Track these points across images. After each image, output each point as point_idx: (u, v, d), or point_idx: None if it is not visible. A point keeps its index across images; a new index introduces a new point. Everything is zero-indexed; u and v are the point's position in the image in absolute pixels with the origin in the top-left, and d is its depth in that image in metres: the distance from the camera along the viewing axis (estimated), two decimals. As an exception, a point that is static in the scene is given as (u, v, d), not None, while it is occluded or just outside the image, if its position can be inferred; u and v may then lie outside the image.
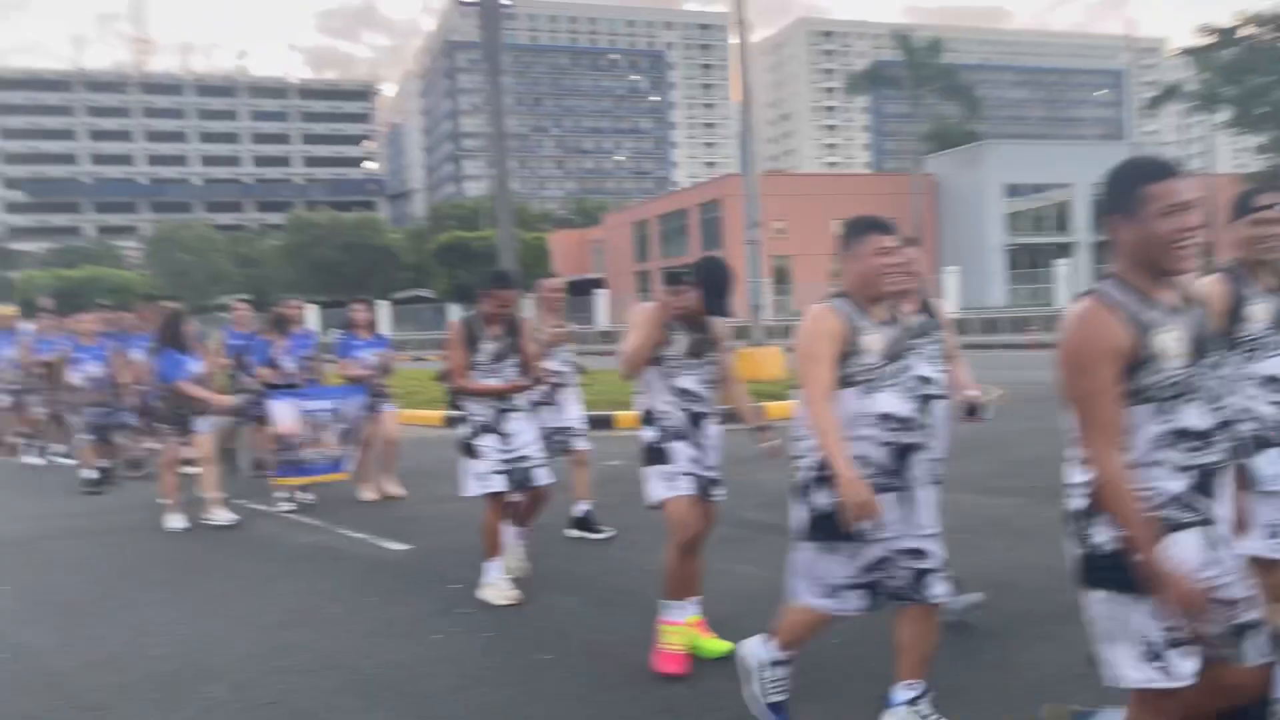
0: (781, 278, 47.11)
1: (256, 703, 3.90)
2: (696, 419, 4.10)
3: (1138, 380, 2.27)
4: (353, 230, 62.94)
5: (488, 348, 5.21)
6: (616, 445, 9.59)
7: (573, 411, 6.45)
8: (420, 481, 8.57)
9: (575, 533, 6.46)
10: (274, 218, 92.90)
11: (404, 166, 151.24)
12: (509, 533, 5.39)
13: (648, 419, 4.11)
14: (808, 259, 47.76)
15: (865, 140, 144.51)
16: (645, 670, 4.04)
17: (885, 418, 3.07)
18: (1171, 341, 2.29)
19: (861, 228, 3.20)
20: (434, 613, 4.99)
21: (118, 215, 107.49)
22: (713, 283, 3.99)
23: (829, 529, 3.05)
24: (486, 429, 5.13)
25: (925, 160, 53.07)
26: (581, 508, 6.47)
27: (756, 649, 3.39)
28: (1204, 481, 2.30)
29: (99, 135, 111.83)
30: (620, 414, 12.03)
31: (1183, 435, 2.29)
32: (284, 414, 7.58)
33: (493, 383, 5.19)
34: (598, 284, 54.11)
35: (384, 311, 41.69)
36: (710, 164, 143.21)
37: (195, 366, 7.40)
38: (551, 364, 6.18)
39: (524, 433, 5.25)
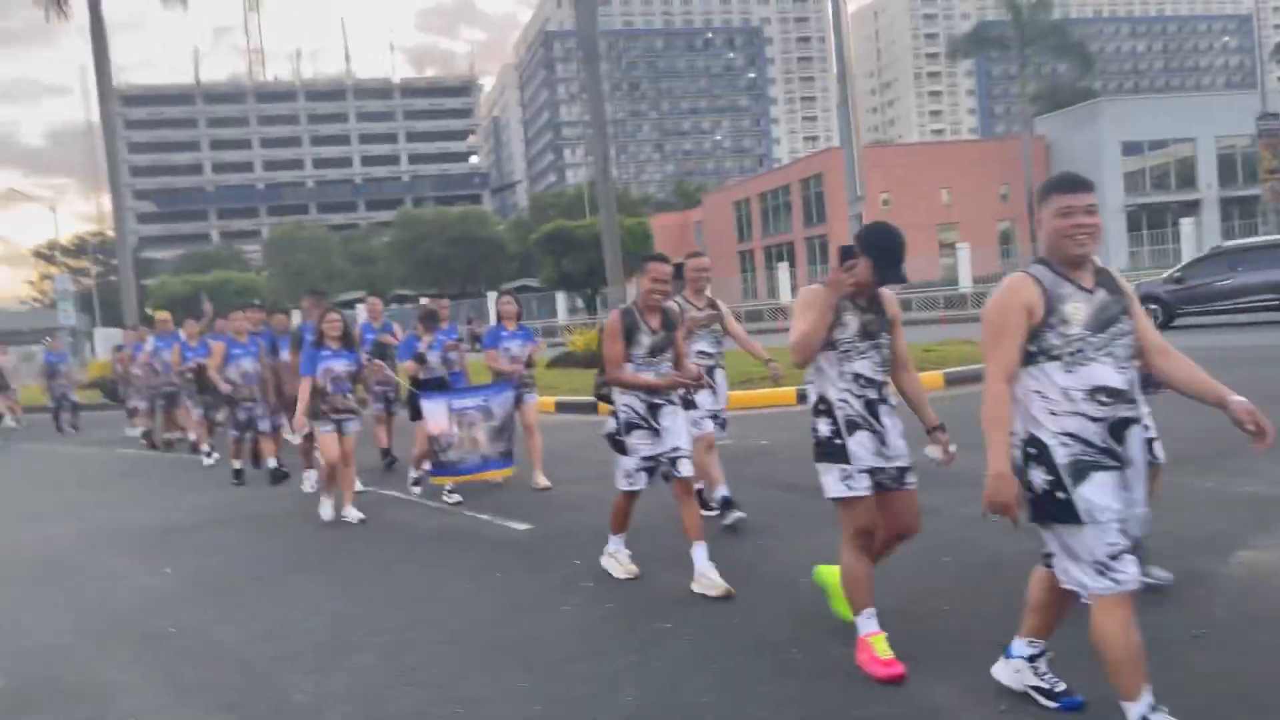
0: (889, 251, 46.13)
1: (400, 668, 4.23)
2: (872, 406, 3.79)
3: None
4: (459, 224, 64.44)
5: (645, 341, 5.05)
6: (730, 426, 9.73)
7: (722, 396, 6.35)
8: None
9: (712, 513, 6.28)
10: (384, 215, 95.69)
11: (506, 159, 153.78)
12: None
13: (821, 409, 3.82)
14: (915, 231, 46.65)
15: (971, 105, 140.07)
16: (762, 637, 4.20)
17: (1096, 391, 2.86)
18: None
19: (1046, 187, 3.02)
20: (557, 588, 5.26)
21: (239, 220, 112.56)
22: (884, 251, 3.64)
23: (1055, 510, 2.87)
24: (633, 425, 5.02)
25: (1036, 122, 51.23)
26: (721, 492, 6.28)
27: (1007, 668, 3.35)
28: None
29: (218, 145, 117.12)
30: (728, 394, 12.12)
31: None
32: (435, 414, 7.51)
33: (649, 377, 5.03)
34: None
35: (491, 303, 42.67)
36: (811, 138, 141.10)
37: (338, 363, 7.45)
38: (701, 345, 6.11)
39: (675, 427, 5.11)
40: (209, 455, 11.35)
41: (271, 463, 9.74)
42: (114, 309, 62.91)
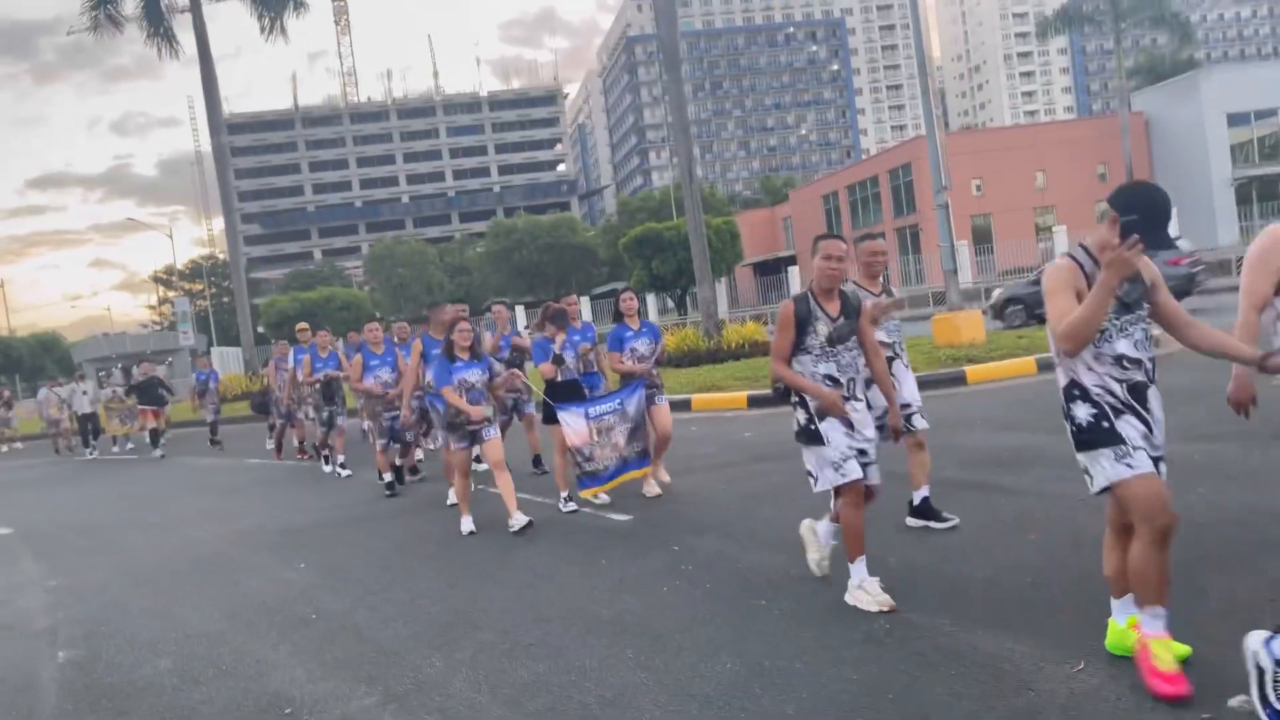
0: (981, 237, 45.38)
1: (520, 644, 4.65)
2: (1137, 389, 3.42)
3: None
4: (550, 232, 65.58)
5: (822, 330, 4.56)
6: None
7: (909, 387, 5.71)
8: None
9: (916, 522, 5.81)
10: (477, 226, 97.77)
11: (592, 164, 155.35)
12: (826, 529, 4.96)
13: (1075, 394, 3.46)
14: (1008, 215, 45.81)
15: (1066, 83, 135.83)
16: (849, 611, 4.50)
17: (1119, 359, 3.42)
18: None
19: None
20: (659, 571, 5.63)
21: (339, 238, 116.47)
22: (1154, 212, 3.26)
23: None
24: (823, 413, 4.54)
25: (1134, 98, 49.56)
26: (921, 494, 5.81)
27: (1260, 648, 3.06)
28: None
29: (317, 166, 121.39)
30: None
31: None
32: (574, 425, 7.32)
33: (817, 386, 4.54)
34: (790, 261, 53.94)
35: (585, 306, 43.42)
36: (899, 127, 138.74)
37: (471, 373, 7.32)
38: (880, 335, 5.48)
39: (867, 425, 4.64)
40: (343, 467, 11.52)
41: (387, 477, 9.81)
42: (227, 329, 66.00)
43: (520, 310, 40.47)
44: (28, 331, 78.82)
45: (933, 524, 5.70)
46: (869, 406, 4.75)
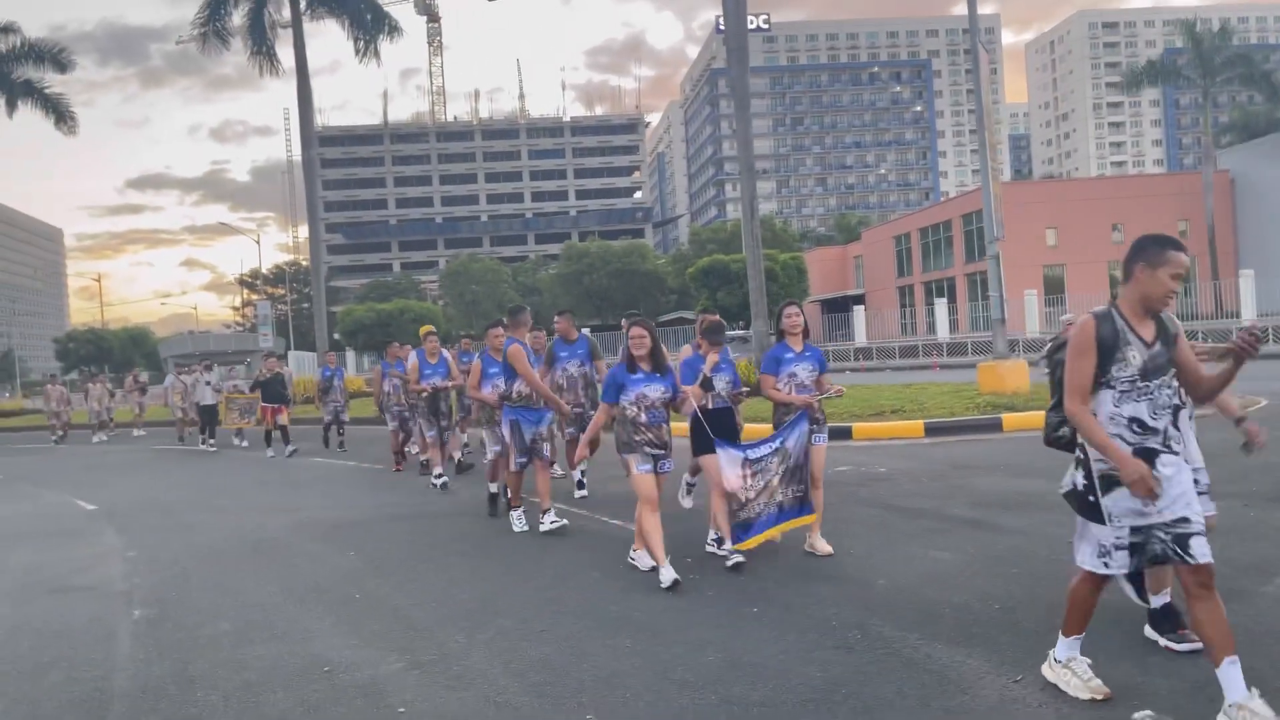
0: (1054, 287, 45.00)
1: (533, 630, 5.21)
2: (1147, 455, 3.50)
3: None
4: (621, 258, 66.68)
5: (1135, 358, 3.53)
6: (855, 455, 10.38)
7: (1195, 451, 4.43)
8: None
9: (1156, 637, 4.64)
10: (552, 248, 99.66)
11: (669, 193, 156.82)
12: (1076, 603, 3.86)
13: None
14: (1083, 266, 45.33)
15: (1157, 136, 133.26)
16: (830, 620, 4.97)
17: (1132, 422, 3.51)
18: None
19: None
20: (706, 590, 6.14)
21: (418, 252, 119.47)
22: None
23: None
24: (1114, 480, 3.54)
25: (1220, 155, 48.76)
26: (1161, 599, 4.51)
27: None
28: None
29: (402, 181, 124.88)
30: (857, 425, 12.76)
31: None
32: (730, 468, 6.22)
33: (1118, 449, 3.51)
34: (858, 300, 54.04)
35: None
36: (980, 171, 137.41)
37: (653, 388, 6.30)
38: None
39: (1179, 480, 3.56)
40: (438, 478, 11.12)
41: (492, 488, 9.15)
42: (305, 334, 68.31)
43: (586, 333, 41.26)
44: (119, 325, 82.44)
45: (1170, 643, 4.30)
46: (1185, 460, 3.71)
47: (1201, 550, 3.45)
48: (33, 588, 7.26)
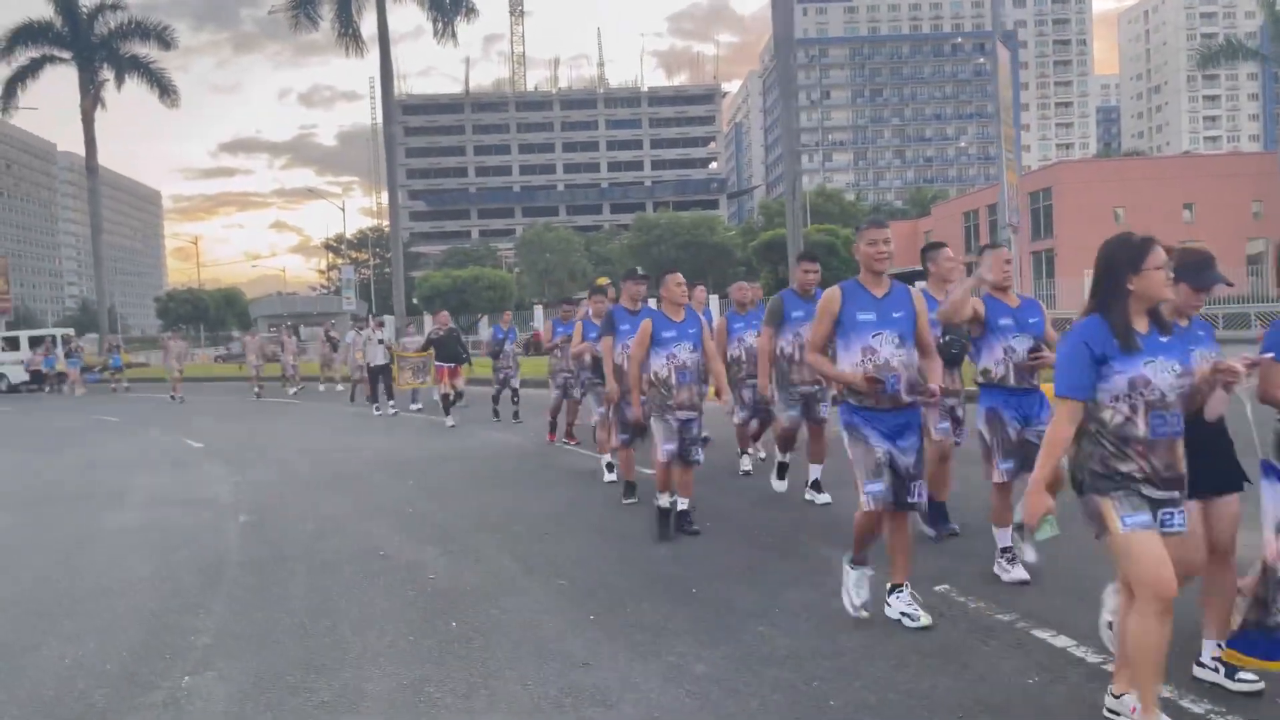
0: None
1: (539, 534, 6.80)
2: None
3: None
4: (689, 229, 67.86)
5: None
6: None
7: None
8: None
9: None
10: (626, 218, 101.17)
11: (745, 164, 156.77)
12: None
13: None
14: (1150, 247, 45.03)
15: (1254, 110, 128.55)
16: (783, 540, 6.44)
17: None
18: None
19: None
20: (721, 550, 7.62)
21: (497, 220, 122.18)
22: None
23: None
24: None
25: (1301, 134, 47.74)
26: None
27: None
28: None
29: (481, 150, 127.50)
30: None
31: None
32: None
33: None
34: (924, 275, 54.40)
35: (714, 304, 45.40)
36: (1065, 145, 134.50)
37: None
38: None
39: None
40: (610, 469, 8.89)
41: (664, 500, 7.00)
42: (386, 298, 71.21)
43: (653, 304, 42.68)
44: (213, 286, 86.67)
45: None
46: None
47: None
48: (158, 501, 9.13)
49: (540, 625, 4.78)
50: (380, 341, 17.19)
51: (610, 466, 8.83)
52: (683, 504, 6.59)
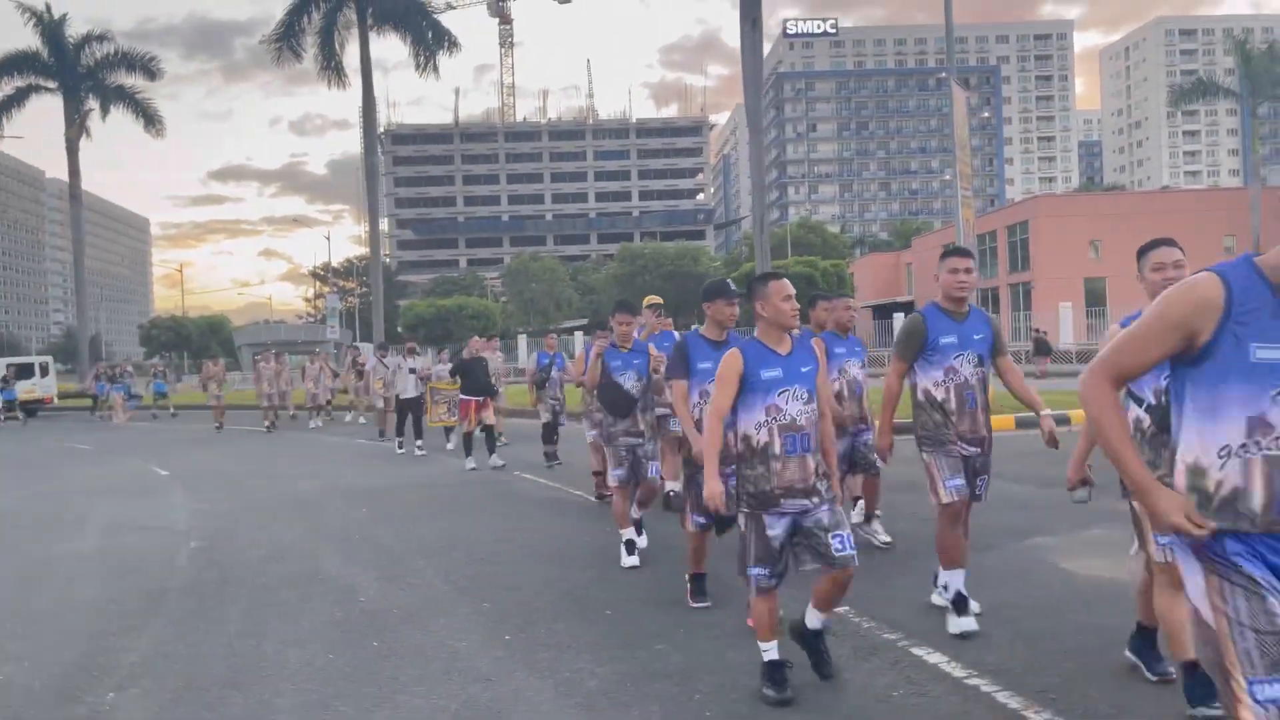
0: (1096, 300, 45.63)
1: (476, 559, 7.04)
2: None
3: None
4: (674, 259, 68.39)
5: None
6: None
7: None
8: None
9: None
10: (613, 248, 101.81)
11: (733, 195, 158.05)
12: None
13: None
14: (1125, 280, 45.62)
15: (1233, 146, 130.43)
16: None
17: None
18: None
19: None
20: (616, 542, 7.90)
21: (485, 249, 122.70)
22: None
23: None
24: None
25: (1273, 172, 48.63)
26: None
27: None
28: None
29: (470, 179, 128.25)
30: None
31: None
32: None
33: None
34: (907, 306, 55.01)
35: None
36: (1048, 179, 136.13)
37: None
38: None
39: None
40: (630, 550, 6.82)
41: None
42: (371, 326, 71.48)
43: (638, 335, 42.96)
44: (199, 313, 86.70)
45: None
46: None
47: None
48: (116, 527, 9.34)
49: (455, 645, 5.02)
50: (412, 371, 14.87)
51: (630, 545, 6.67)
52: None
